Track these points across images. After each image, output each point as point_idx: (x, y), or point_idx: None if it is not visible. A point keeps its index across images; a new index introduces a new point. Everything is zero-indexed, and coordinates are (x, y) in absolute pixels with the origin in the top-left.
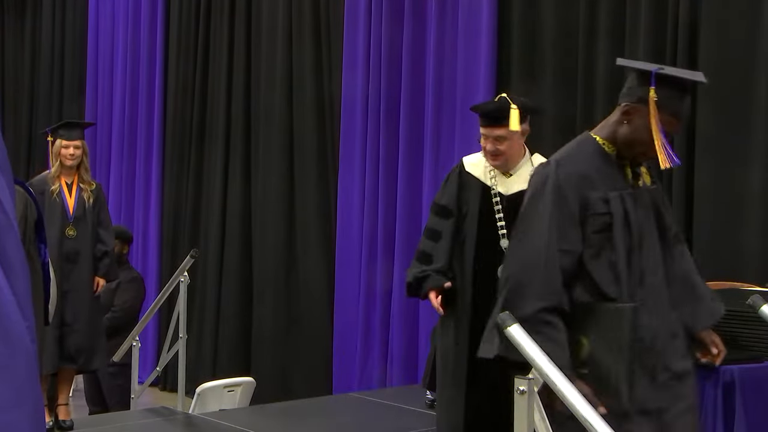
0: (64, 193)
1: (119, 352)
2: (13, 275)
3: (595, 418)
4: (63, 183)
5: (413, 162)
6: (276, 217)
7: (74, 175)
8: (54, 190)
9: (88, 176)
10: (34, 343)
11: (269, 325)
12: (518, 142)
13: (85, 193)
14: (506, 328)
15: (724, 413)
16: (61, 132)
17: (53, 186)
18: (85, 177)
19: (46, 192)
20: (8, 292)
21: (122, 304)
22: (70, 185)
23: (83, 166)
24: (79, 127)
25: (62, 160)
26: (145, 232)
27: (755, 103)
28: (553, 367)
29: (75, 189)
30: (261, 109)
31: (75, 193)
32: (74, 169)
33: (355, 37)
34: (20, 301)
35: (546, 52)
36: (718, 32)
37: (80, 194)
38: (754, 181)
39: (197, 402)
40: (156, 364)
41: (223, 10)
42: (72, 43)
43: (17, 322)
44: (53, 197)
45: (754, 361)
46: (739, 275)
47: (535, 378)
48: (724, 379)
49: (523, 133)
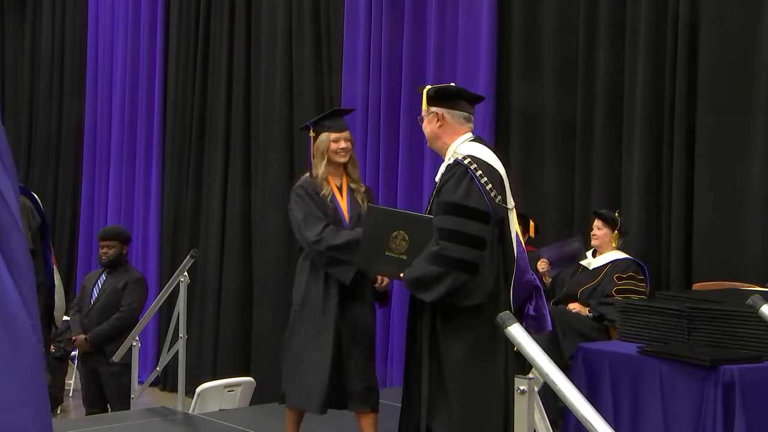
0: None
1: (120, 352)
2: (18, 274)
3: (595, 418)
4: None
5: (413, 162)
6: (276, 217)
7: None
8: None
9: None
10: (40, 342)
11: (269, 325)
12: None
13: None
14: (506, 327)
15: (724, 413)
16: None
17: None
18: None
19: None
20: (14, 291)
21: (129, 305)
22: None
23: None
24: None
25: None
26: (145, 233)
27: (755, 102)
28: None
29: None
30: (261, 110)
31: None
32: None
33: (355, 37)
34: (26, 301)
35: (546, 52)
36: (718, 32)
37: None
38: (754, 181)
39: (197, 402)
40: (156, 364)
41: (223, 10)
42: (72, 43)
43: (23, 321)
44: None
45: (754, 361)
46: (739, 275)
47: (535, 378)
48: (724, 379)
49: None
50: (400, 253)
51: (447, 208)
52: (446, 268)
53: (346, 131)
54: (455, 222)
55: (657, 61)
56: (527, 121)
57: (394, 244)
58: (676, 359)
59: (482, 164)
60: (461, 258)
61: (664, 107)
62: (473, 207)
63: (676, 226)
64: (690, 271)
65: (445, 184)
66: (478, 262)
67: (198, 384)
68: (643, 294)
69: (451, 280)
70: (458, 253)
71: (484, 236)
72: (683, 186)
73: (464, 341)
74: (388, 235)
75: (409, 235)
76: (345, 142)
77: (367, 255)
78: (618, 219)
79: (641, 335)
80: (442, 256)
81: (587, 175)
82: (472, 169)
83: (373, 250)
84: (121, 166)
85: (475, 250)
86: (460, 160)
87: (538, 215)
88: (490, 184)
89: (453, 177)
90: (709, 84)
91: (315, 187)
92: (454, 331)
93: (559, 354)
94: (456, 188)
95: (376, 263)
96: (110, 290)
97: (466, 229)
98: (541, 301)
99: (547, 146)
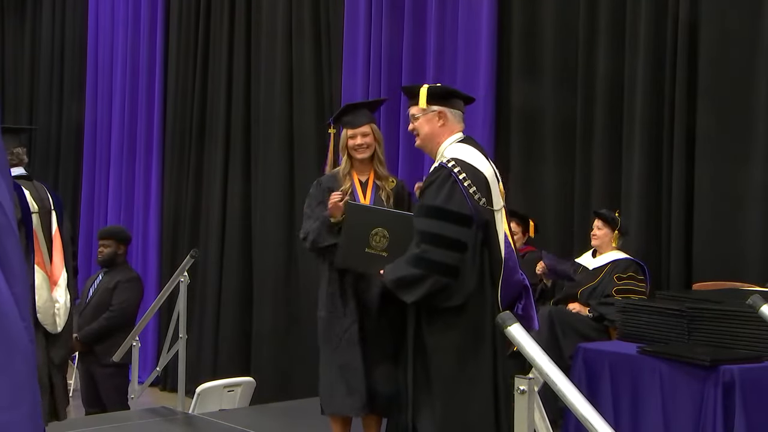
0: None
1: (119, 352)
2: (11, 276)
3: (595, 418)
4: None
5: (413, 162)
6: (276, 216)
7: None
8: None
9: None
10: (32, 343)
11: (269, 325)
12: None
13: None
14: (506, 327)
15: (724, 413)
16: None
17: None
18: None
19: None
20: (7, 292)
21: (120, 304)
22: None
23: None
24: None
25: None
26: (145, 232)
27: (755, 103)
28: (554, 367)
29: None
30: (261, 109)
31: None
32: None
33: (355, 37)
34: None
35: (546, 52)
36: (718, 32)
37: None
38: (754, 181)
39: (197, 402)
40: (156, 364)
41: (223, 10)
42: (72, 43)
43: (15, 322)
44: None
45: (754, 361)
46: (739, 275)
47: (535, 378)
48: (724, 379)
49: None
50: (381, 250)
51: (429, 212)
52: (427, 271)
53: (362, 126)
54: (436, 225)
55: (657, 61)
56: (527, 121)
57: (374, 241)
58: (676, 359)
59: (466, 167)
60: (441, 261)
61: (664, 107)
62: (455, 210)
63: (676, 226)
64: (690, 271)
65: (428, 187)
66: (458, 265)
67: (198, 384)
68: (643, 294)
69: (430, 283)
70: (439, 256)
71: (465, 240)
72: (683, 186)
73: (447, 340)
74: (368, 233)
75: (389, 231)
76: (362, 137)
77: (348, 252)
78: (618, 219)
79: (641, 335)
80: (423, 258)
81: (587, 175)
82: (455, 172)
83: (354, 248)
84: (121, 166)
85: (456, 253)
86: (445, 163)
87: (538, 215)
88: (474, 186)
89: (436, 180)
90: (709, 84)
91: (332, 182)
92: (438, 330)
93: (559, 354)
94: (438, 192)
95: (356, 261)
96: (103, 289)
97: (447, 233)
98: (529, 301)
99: (547, 146)
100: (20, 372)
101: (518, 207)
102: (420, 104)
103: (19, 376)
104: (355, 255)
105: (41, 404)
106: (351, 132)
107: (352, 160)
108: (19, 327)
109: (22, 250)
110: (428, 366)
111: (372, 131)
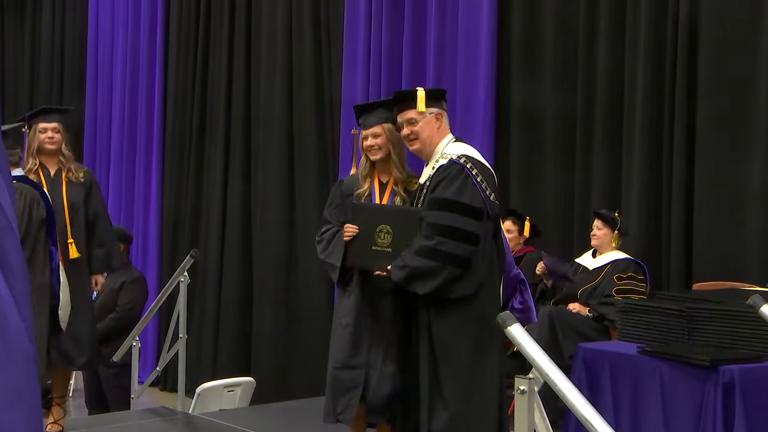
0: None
1: (119, 352)
2: (11, 276)
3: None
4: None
5: (413, 162)
6: (276, 217)
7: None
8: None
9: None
10: (32, 343)
11: (269, 325)
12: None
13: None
14: (506, 327)
15: (724, 413)
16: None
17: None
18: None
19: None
20: (6, 293)
21: (125, 305)
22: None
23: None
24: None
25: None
26: (145, 232)
27: (755, 102)
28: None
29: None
30: (261, 110)
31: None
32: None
33: (355, 37)
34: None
35: (546, 52)
36: (718, 32)
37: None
38: (754, 181)
39: (197, 402)
40: (156, 364)
41: (223, 10)
42: (72, 43)
43: (15, 322)
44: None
45: (754, 361)
46: (739, 275)
47: (535, 378)
48: (724, 379)
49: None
50: (386, 246)
51: (442, 204)
52: (441, 262)
53: (373, 127)
54: (450, 218)
55: (657, 60)
56: (527, 120)
57: (379, 238)
58: (676, 359)
59: (477, 163)
60: (455, 253)
61: (664, 107)
62: (467, 203)
63: (676, 226)
64: (690, 271)
65: (440, 183)
66: (471, 258)
67: (198, 384)
68: (643, 294)
69: (445, 275)
70: (453, 248)
71: (478, 232)
72: (683, 186)
73: (458, 332)
74: (374, 230)
75: (393, 228)
76: (372, 138)
77: (356, 252)
78: (618, 219)
79: (641, 335)
80: (438, 250)
81: (587, 175)
82: (468, 167)
83: (360, 246)
84: (121, 166)
85: (469, 246)
86: (456, 159)
87: (538, 215)
88: (485, 182)
89: (447, 176)
90: (709, 84)
91: (351, 185)
92: (448, 322)
93: (559, 354)
94: (450, 185)
95: (363, 259)
96: (108, 290)
97: (460, 225)
98: (527, 294)
99: (547, 146)
100: (20, 372)
101: (518, 207)
102: (419, 107)
103: (19, 376)
104: (363, 253)
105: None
106: (363, 133)
107: (372, 161)
108: (19, 328)
109: (45, 250)
110: (440, 363)
111: (384, 131)
